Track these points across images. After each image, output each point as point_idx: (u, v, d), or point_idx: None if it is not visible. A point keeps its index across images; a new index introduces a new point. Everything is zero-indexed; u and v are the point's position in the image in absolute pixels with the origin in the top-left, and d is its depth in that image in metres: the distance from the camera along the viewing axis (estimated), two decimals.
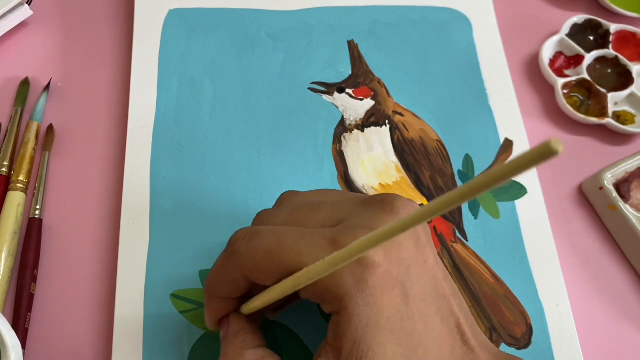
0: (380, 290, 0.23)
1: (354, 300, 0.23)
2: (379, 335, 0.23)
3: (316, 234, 0.24)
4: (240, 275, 0.26)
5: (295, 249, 0.24)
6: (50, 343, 0.32)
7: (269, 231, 0.26)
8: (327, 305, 0.25)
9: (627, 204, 0.37)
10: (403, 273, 0.24)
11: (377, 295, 0.23)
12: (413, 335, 0.23)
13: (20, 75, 0.39)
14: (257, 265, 0.25)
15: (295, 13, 0.43)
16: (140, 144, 0.37)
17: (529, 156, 0.15)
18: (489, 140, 0.39)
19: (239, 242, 0.26)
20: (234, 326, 0.28)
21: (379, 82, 0.41)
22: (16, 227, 0.34)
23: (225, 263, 0.27)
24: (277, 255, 0.24)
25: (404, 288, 0.24)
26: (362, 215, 0.25)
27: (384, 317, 0.23)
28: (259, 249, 0.25)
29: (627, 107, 0.43)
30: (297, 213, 0.27)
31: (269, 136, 0.38)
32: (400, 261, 0.24)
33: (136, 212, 0.34)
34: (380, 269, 0.23)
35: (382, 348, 0.23)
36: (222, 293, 0.27)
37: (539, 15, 0.47)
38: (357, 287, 0.23)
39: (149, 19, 0.41)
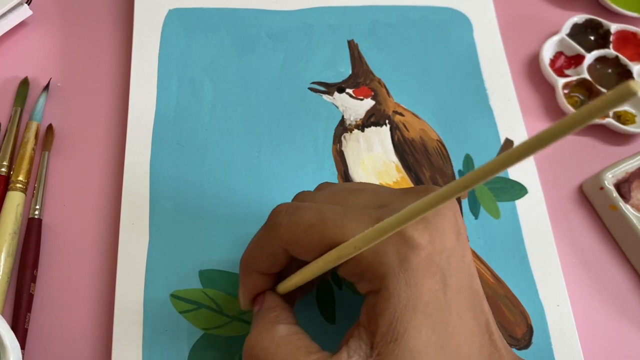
0: (422, 273, 0.23)
1: (396, 279, 0.23)
2: (416, 319, 0.23)
3: (360, 212, 0.24)
4: (280, 248, 0.26)
5: (339, 223, 0.24)
6: (49, 343, 0.32)
7: (311, 207, 0.25)
8: (365, 284, 0.24)
9: (628, 204, 0.37)
10: (444, 261, 0.24)
11: (419, 278, 0.23)
12: (448, 325, 0.23)
13: (19, 75, 0.39)
14: (299, 239, 0.25)
15: (295, 13, 0.43)
16: (140, 144, 0.37)
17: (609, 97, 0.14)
18: (489, 140, 0.39)
19: (280, 215, 0.26)
20: (269, 302, 0.27)
21: (379, 82, 0.41)
22: (15, 227, 0.34)
23: (266, 236, 0.27)
24: (320, 229, 0.24)
25: (443, 276, 0.23)
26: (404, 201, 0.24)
27: (422, 301, 0.23)
28: (301, 223, 0.25)
29: (627, 107, 0.43)
30: (338, 194, 0.27)
31: (269, 136, 0.38)
32: (442, 249, 0.24)
33: (136, 212, 0.34)
34: (424, 251, 0.23)
35: (417, 332, 0.23)
36: (260, 267, 0.27)
37: (539, 15, 0.47)
38: (401, 266, 0.23)
39: (149, 19, 0.41)
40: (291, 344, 0.25)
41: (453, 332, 0.23)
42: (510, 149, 0.17)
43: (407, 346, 0.22)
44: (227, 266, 0.33)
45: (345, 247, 0.23)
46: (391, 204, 0.25)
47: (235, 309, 0.32)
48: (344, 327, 0.32)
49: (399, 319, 0.23)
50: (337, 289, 0.33)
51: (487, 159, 0.38)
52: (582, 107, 0.15)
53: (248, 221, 0.35)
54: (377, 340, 0.23)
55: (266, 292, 0.28)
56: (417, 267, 0.23)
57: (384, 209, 0.24)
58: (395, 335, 0.23)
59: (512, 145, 0.39)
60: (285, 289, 0.28)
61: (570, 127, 0.16)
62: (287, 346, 0.25)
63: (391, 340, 0.23)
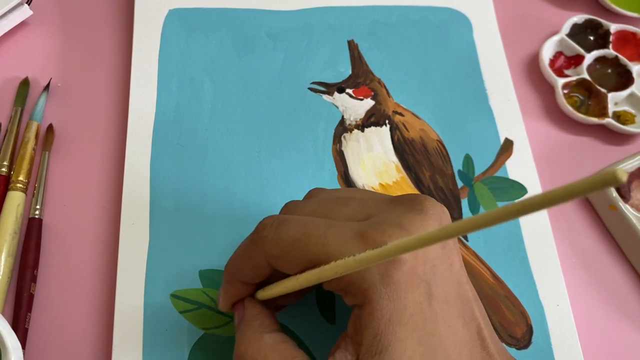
0: (405, 286, 0.23)
1: (378, 294, 0.23)
2: (400, 332, 0.23)
3: (344, 226, 0.24)
4: (264, 261, 0.26)
5: (322, 239, 0.24)
6: (50, 343, 0.32)
7: (297, 220, 0.26)
8: (350, 298, 0.25)
9: (627, 204, 0.37)
10: (428, 272, 0.24)
11: (402, 292, 0.23)
12: (434, 335, 0.23)
13: (20, 75, 0.39)
14: (283, 253, 0.25)
15: (295, 13, 0.43)
16: (140, 144, 0.37)
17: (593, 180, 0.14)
18: (489, 140, 0.39)
19: (266, 229, 0.26)
20: (251, 310, 0.28)
21: (379, 82, 0.41)
22: (16, 227, 0.34)
23: (250, 248, 0.27)
24: (304, 244, 0.24)
25: (428, 287, 0.24)
26: (391, 212, 0.25)
27: (406, 314, 0.23)
28: (286, 237, 0.25)
29: (627, 107, 0.43)
30: (325, 205, 0.27)
31: (269, 136, 0.38)
32: (426, 260, 0.24)
33: (136, 212, 0.34)
34: (407, 265, 0.23)
35: (402, 344, 0.23)
36: (243, 277, 0.28)
37: (539, 15, 0.47)
38: (382, 281, 0.23)
39: (149, 19, 0.41)
40: (277, 353, 0.25)
41: (440, 342, 0.23)
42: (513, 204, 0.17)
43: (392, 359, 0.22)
44: None
45: (326, 270, 0.24)
46: (377, 214, 0.25)
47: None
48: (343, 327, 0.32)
49: (383, 332, 0.23)
50: None
51: (486, 159, 0.39)
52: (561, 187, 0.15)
53: (248, 221, 0.35)
54: (362, 352, 0.23)
55: (246, 299, 0.28)
56: (399, 281, 0.23)
57: (370, 222, 0.24)
58: (380, 348, 0.23)
59: (512, 145, 0.39)
60: (265, 296, 0.28)
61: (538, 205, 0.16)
62: (274, 356, 0.25)
63: (376, 352, 0.23)
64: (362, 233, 0.24)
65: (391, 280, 0.23)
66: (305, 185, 0.36)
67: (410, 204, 0.25)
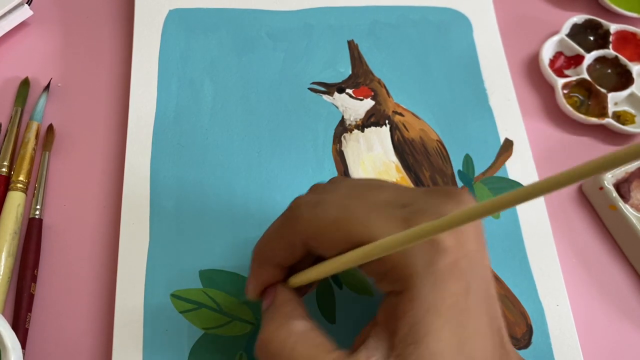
0: (448, 277, 0.23)
1: (421, 281, 0.23)
2: (437, 322, 0.22)
3: (387, 211, 0.24)
4: (299, 241, 0.25)
5: (365, 221, 0.24)
6: (50, 343, 0.32)
7: (334, 201, 0.25)
8: (387, 284, 0.24)
9: (627, 204, 0.37)
10: (468, 265, 0.23)
11: (445, 282, 0.23)
12: (466, 329, 0.23)
13: (20, 75, 0.39)
14: (321, 233, 0.24)
15: (295, 13, 0.43)
16: (140, 144, 0.37)
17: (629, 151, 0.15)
18: (489, 140, 0.39)
19: (301, 208, 0.25)
20: (283, 295, 0.27)
21: (379, 82, 0.41)
22: (16, 227, 0.34)
23: (284, 228, 0.26)
24: (345, 224, 0.24)
25: (467, 281, 0.23)
26: (429, 202, 0.24)
27: (445, 305, 0.23)
28: (324, 217, 0.24)
29: (627, 107, 0.43)
30: (357, 190, 0.26)
31: (269, 136, 0.38)
32: (466, 253, 0.24)
33: (136, 212, 0.34)
34: (451, 255, 0.23)
35: (438, 335, 0.22)
36: (274, 259, 0.27)
37: (539, 15, 0.47)
38: (427, 269, 0.23)
39: (149, 19, 0.41)
40: (309, 340, 0.24)
41: (470, 335, 0.23)
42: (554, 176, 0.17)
43: (427, 349, 0.22)
44: (228, 266, 0.33)
45: (374, 248, 0.23)
46: (414, 203, 0.24)
47: (235, 309, 0.32)
48: (344, 327, 0.32)
49: (421, 321, 0.22)
50: (337, 289, 0.33)
51: (486, 159, 0.39)
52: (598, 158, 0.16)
53: (248, 221, 0.35)
54: (397, 342, 0.23)
55: (277, 285, 0.27)
56: (444, 271, 0.23)
57: (409, 209, 0.24)
58: (416, 337, 0.22)
59: (512, 145, 0.39)
60: (298, 282, 0.27)
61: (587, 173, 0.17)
62: (305, 343, 0.24)
63: (412, 342, 0.22)
64: (406, 219, 0.23)
65: (436, 268, 0.23)
66: (305, 185, 0.36)
67: (447, 194, 0.25)
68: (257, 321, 0.32)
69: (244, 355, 0.31)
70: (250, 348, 0.31)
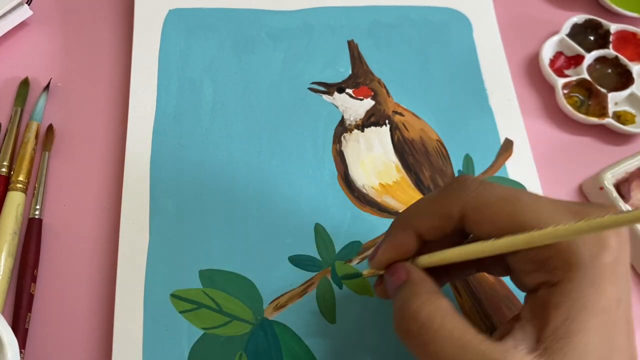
0: (608, 276, 0.22)
1: (584, 273, 0.22)
2: (591, 322, 0.21)
3: (556, 202, 0.23)
4: (458, 212, 0.24)
5: (533, 207, 0.23)
6: (50, 343, 0.32)
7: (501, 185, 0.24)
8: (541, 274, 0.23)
9: (628, 204, 0.37)
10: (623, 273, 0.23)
11: (604, 280, 0.22)
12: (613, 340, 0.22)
13: (20, 75, 0.39)
14: (486, 207, 0.23)
15: (295, 13, 0.43)
16: (140, 143, 0.37)
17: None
18: (489, 140, 0.39)
19: (469, 181, 0.24)
20: (419, 274, 0.25)
21: (379, 82, 0.41)
22: (16, 227, 0.34)
23: (444, 197, 0.25)
24: (512, 205, 0.23)
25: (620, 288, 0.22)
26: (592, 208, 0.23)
27: (599, 306, 0.22)
28: (492, 193, 0.24)
29: (627, 107, 0.43)
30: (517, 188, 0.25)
31: (269, 136, 0.38)
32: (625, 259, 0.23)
33: (136, 212, 0.34)
34: (614, 255, 0.22)
35: (588, 336, 0.21)
36: (423, 226, 0.25)
37: (539, 15, 0.47)
38: (592, 262, 0.22)
39: (149, 19, 0.41)
40: (457, 319, 0.23)
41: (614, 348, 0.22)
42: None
43: (577, 347, 0.21)
44: (227, 266, 0.33)
45: (542, 236, 0.22)
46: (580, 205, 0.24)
47: (235, 309, 0.32)
48: (344, 327, 0.32)
49: (575, 316, 0.21)
50: (337, 289, 0.33)
51: (486, 159, 0.39)
52: None
53: (248, 221, 0.35)
54: (547, 334, 0.22)
55: (407, 263, 0.26)
56: (605, 268, 0.22)
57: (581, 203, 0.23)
58: (568, 332, 0.21)
59: (512, 145, 0.39)
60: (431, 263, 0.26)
61: None
62: (453, 320, 0.23)
63: (562, 336, 0.21)
64: (577, 211, 0.22)
65: (600, 263, 0.22)
66: (305, 185, 0.36)
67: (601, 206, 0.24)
68: (256, 321, 0.32)
69: (243, 355, 0.31)
70: (250, 348, 0.31)
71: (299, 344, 0.32)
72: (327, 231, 0.35)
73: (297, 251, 0.34)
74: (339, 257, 0.34)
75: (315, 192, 0.36)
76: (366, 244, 0.35)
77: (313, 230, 0.35)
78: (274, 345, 0.31)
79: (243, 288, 0.33)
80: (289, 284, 0.33)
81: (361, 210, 0.36)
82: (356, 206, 0.36)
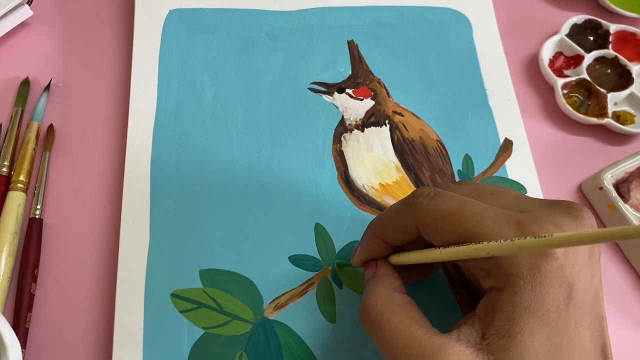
0: (550, 281, 0.23)
1: (523, 281, 0.23)
2: (533, 323, 0.23)
3: (500, 212, 0.25)
4: (413, 226, 0.27)
5: (478, 218, 0.25)
6: (50, 343, 0.32)
7: (453, 196, 0.26)
8: (490, 280, 0.25)
9: (627, 204, 0.37)
10: (574, 276, 0.24)
11: (545, 285, 0.23)
12: (563, 337, 0.23)
13: (20, 76, 0.39)
14: (434, 222, 0.26)
15: (295, 13, 0.43)
16: (140, 144, 0.37)
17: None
18: (489, 140, 0.39)
19: (422, 197, 0.27)
20: (384, 269, 0.29)
21: (379, 82, 0.41)
22: (16, 227, 0.34)
23: (403, 211, 0.28)
24: (458, 218, 0.25)
25: (569, 289, 0.24)
26: (546, 212, 0.25)
27: (543, 308, 0.23)
28: (441, 208, 0.26)
29: (626, 107, 0.43)
30: (480, 192, 0.27)
31: (269, 136, 0.38)
32: (573, 263, 0.24)
33: (136, 212, 0.34)
34: (557, 262, 0.24)
35: (531, 335, 0.23)
36: (387, 237, 0.29)
37: (538, 15, 0.47)
38: (530, 270, 0.23)
39: (149, 19, 0.41)
40: (404, 312, 0.26)
41: (567, 345, 0.23)
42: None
43: (519, 346, 0.23)
44: (228, 265, 0.33)
45: (477, 249, 0.24)
46: (532, 211, 0.25)
47: (235, 308, 0.32)
48: (344, 327, 0.32)
49: (516, 318, 0.23)
50: (337, 289, 0.33)
51: (486, 159, 0.39)
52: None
53: (248, 221, 0.35)
54: (490, 333, 0.24)
55: (379, 260, 0.30)
56: (546, 275, 0.23)
57: (525, 215, 0.25)
58: (509, 332, 0.23)
59: (512, 145, 0.39)
60: (399, 262, 0.29)
61: None
62: (400, 314, 0.26)
63: (504, 335, 0.23)
64: (519, 222, 0.24)
65: (539, 271, 0.23)
66: (305, 185, 0.36)
67: (567, 209, 0.25)
68: (257, 321, 0.32)
69: (244, 354, 0.31)
70: (251, 347, 0.31)
71: (299, 343, 0.32)
72: (327, 231, 0.35)
73: (297, 251, 0.34)
74: (339, 257, 0.34)
75: (315, 192, 0.36)
76: None
77: (313, 230, 0.35)
78: (274, 344, 0.32)
79: (243, 288, 0.33)
80: (289, 284, 0.33)
81: (361, 210, 0.36)
82: (356, 206, 0.36)
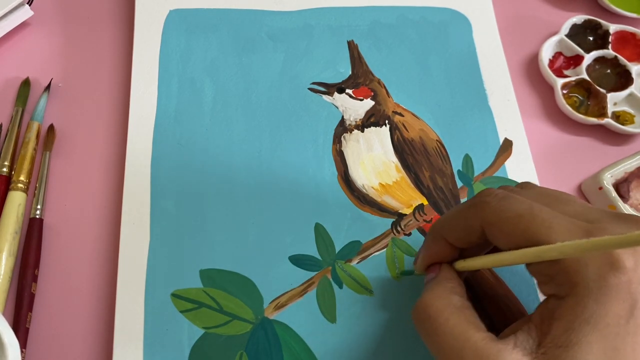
0: (615, 295, 0.23)
1: (587, 292, 0.23)
2: (591, 335, 0.23)
3: (570, 221, 0.24)
4: (478, 226, 0.27)
5: (547, 223, 0.24)
6: (50, 343, 0.32)
7: (522, 199, 0.26)
8: (552, 286, 0.25)
9: (627, 204, 0.37)
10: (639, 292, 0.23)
11: (610, 299, 0.23)
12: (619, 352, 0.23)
13: (21, 76, 0.39)
14: (503, 224, 0.25)
15: (295, 13, 0.43)
16: (140, 144, 0.37)
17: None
18: (489, 140, 0.40)
19: (490, 196, 0.26)
20: (446, 273, 0.29)
21: (379, 82, 0.41)
22: (17, 227, 0.34)
23: (468, 211, 0.27)
24: (527, 222, 0.25)
25: (633, 306, 0.23)
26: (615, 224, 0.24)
27: (603, 322, 0.23)
28: (509, 209, 0.25)
29: (626, 107, 0.43)
30: (546, 198, 0.27)
31: (269, 136, 0.38)
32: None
33: (136, 212, 0.34)
34: (625, 276, 0.23)
35: (588, 348, 0.23)
36: (451, 237, 0.28)
37: (538, 15, 0.47)
38: (596, 282, 0.23)
39: (150, 19, 0.41)
40: (463, 315, 0.26)
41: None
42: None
43: (575, 357, 0.23)
44: (228, 265, 0.33)
45: (550, 249, 0.23)
46: (600, 221, 0.25)
47: (235, 308, 0.32)
48: (344, 327, 0.32)
49: (576, 329, 0.23)
50: (337, 289, 0.33)
51: (486, 159, 0.39)
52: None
53: (248, 221, 0.35)
54: (547, 341, 0.23)
55: (443, 264, 0.29)
56: (612, 289, 0.23)
57: (595, 225, 0.24)
58: (567, 342, 0.23)
59: (511, 145, 0.39)
60: (465, 267, 0.29)
61: None
62: (459, 316, 0.25)
63: (561, 345, 0.23)
64: (589, 232, 0.24)
65: (605, 284, 0.23)
66: (305, 185, 0.36)
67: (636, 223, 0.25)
68: (257, 320, 0.32)
69: (244, 354, 0.31)
70: (251, 347, 0.32)
71: (299, 343, 0.32)
72: (327, 231, 0.35)
73: (297, 251, 0.34)
74: (339, 257, 0.34)
75: (315, 192, 0.36)
76: (366, 244, 0.35)
77: (313, 230, 0.35)
78: (274, 344, 0.32)
79: (243, 287, 0.33)
80: (289, 284, 0.33)
81: (361, 210, 0.36)
82: (356, 206, 0.36)
